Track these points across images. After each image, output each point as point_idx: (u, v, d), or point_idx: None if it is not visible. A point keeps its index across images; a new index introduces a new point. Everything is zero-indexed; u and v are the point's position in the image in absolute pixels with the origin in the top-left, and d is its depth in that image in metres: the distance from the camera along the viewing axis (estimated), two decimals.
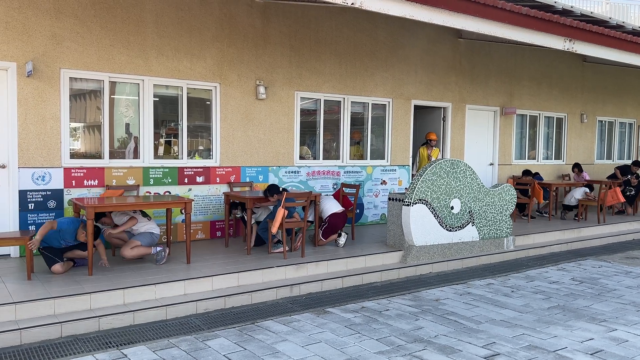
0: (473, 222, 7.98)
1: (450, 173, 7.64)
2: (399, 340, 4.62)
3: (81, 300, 5.02)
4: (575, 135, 13.51)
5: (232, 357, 4.18)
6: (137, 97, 7.39)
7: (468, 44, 10.97)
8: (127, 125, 7.41)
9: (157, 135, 7.63)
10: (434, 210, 7.52)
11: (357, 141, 9.71)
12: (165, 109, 7.73)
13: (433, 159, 10.19)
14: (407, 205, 7.32)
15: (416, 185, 7.33)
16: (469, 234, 7.96)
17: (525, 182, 10.72)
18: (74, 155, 6.99)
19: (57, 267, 5.74)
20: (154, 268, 6.12)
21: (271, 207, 7.25)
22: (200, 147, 8.02)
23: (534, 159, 12.74)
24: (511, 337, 4.73)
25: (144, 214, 6.45)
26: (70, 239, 5.77)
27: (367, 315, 5.31)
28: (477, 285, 6.60)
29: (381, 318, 5.22)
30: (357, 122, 9.68)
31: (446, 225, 7.67)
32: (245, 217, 7.29)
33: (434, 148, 10.29)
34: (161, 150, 7.73)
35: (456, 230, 7.80)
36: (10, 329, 4.50)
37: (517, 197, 10.67)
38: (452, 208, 7.71)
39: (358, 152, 9.72)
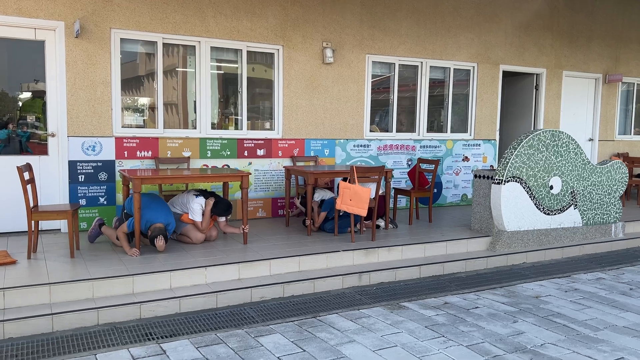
0: (575, 205, 6.76)
1: (550, 146, 6.45)
2: (495, 349, 3.67)
3: (122, 283, 4.44)
4: None
5: None
6: (194, 61, 6.74)
7: (567, 1, 9.50)
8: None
9: (214, 104, 6.97)
10: (530, 189, 6.39)
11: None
12: (224, 76, 7.04)
13: None
14: (498, 183, 6.24)
15: (509, 160, 6.22)
16: (571, 218, 6.76)
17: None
18: (126, 124, 6.47)
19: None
20: (206, 248, 5.49)
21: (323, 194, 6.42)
22: (268, 120, 7.30)
23: None
24: None
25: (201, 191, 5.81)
26: (144, 229, 5.25)
27: (451, 313, 4.39)
28: (584, 280, 5.47)
29: (469, 318, 4.28)
30: (437, 90, 8.59)
31: (544, 208, 6.52)
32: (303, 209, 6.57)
33: None
34: (219, 120, 7.08)
35: (555, 214, 6.62)
36: (42, 314, 3.98)
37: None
38: (551, 188, 6.53)
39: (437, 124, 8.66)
